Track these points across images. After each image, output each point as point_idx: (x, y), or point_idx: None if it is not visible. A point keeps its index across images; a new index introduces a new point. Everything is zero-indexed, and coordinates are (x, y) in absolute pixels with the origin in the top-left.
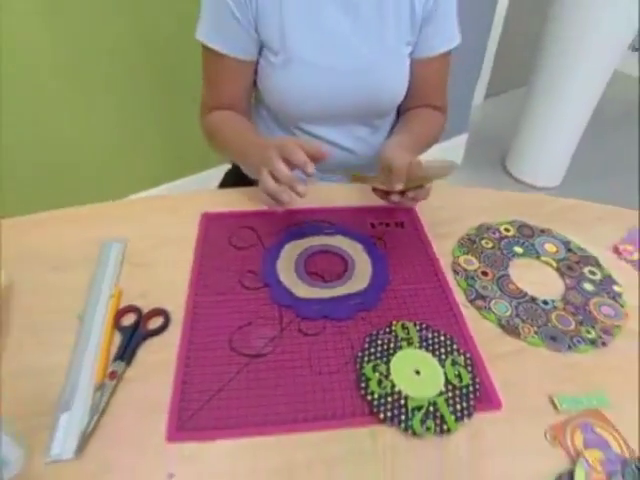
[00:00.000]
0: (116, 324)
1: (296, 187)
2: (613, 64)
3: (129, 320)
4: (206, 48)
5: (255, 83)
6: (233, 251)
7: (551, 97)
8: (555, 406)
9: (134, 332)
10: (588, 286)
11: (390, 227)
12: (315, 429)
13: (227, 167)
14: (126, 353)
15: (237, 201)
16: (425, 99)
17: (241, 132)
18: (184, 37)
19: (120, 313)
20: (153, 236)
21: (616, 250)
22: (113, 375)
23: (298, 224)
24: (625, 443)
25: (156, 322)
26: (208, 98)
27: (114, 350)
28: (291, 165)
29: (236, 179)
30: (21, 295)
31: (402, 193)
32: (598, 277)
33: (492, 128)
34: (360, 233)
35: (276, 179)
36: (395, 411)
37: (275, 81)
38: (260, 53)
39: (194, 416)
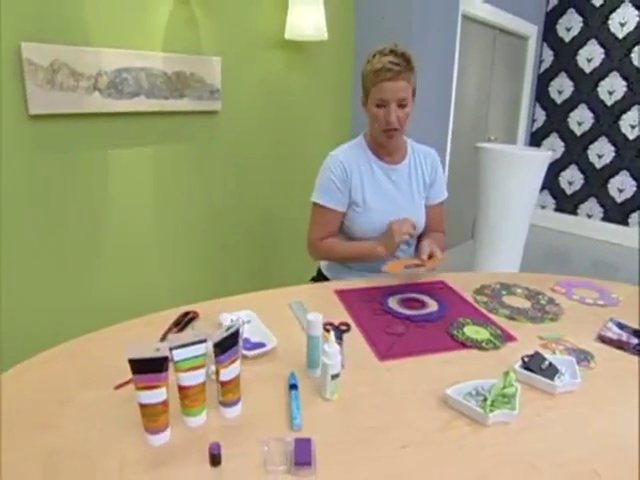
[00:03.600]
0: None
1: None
2: (528, 218)
3: (330, 327)
4: (319, 205)
5: None
6: (362, 302)
7: (491, 246)
8: (542, 338)
9: (336, 331)
10: (542, 302)
11: (436, 290)
12: (437, 353)
13: None
14: (338, 337)
15: (339, 285)
16: (434, 227)
17: (350, 245)
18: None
19: (324, 325)
20: (312, 299)
21: (552, 289)
22: (339, 343)
23: (392, 290)
24: (574, 345)
25: (343, 327)
26: (318, 234)
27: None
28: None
29: (320, 277)
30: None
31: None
32: (546, 298)
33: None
34: (424, 291)
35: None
36: (473, 343)
37: (358, 221)
38: (349, 206)
39: (386, 352)
